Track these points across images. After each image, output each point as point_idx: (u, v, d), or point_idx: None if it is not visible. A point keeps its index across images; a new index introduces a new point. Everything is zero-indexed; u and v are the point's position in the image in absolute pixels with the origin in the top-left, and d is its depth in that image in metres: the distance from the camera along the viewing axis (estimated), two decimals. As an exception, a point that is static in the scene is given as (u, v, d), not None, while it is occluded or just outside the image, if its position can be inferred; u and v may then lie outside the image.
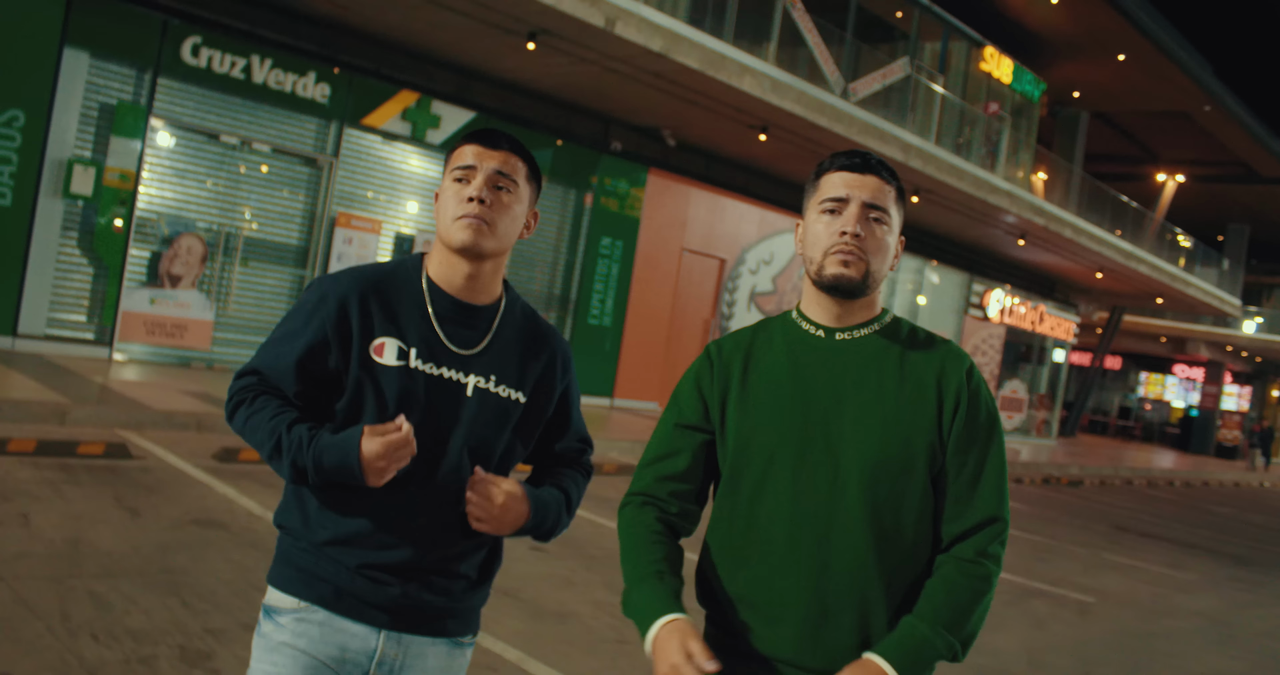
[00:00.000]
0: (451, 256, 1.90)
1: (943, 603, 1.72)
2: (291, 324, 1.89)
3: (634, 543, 1.84)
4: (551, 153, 13.58)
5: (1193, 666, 6.36)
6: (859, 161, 1.84)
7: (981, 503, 1.78)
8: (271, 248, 11.04)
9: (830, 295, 1.85)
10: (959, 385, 1.80)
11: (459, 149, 1.93)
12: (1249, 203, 33.60)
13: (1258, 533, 15.26)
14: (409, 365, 1.86)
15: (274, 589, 1.89)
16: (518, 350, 1.97)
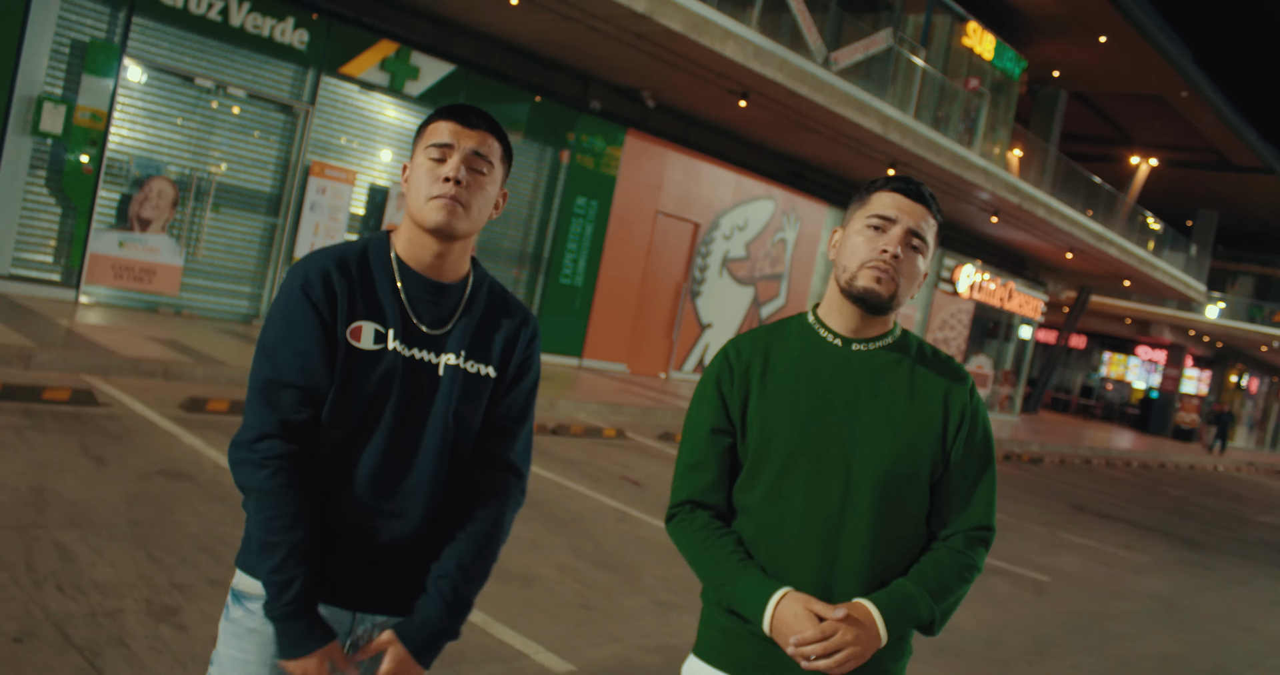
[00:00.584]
0: (422, 235, 1.87)
1: (930, 574, 1.89)
2: (291, 317, 1.81)
3: (704, 542, 1.95)
4: (529, 109, 13.46)
5: (1142, 647, 6.53)
6: (914, 189, 1.94)
7: (974, 512, 1.95)
8: (244, 194, 10.90)
9: (856, 306, 1.94)
10: (964, 405, 1.95)
11: (434, 125, 1.89)
12: (1219, 190, 33.95)
13: (1210, 516, 15.59)
14: (387, 348, 1.84)
15: (243, 573, 1.86)
16: (487, 325, 1.95)
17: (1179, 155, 30.64)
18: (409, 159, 1.94)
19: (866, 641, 1.81)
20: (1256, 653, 7.03)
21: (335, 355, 1.81)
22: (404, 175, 1.93)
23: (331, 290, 1.82)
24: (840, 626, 1.80)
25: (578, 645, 4.49)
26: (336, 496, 1.82)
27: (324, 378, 1.80)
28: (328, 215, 11.32)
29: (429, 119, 1.91)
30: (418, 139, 1.91)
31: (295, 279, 1.83)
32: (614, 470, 8.49)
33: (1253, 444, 48.05)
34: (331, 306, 1.81)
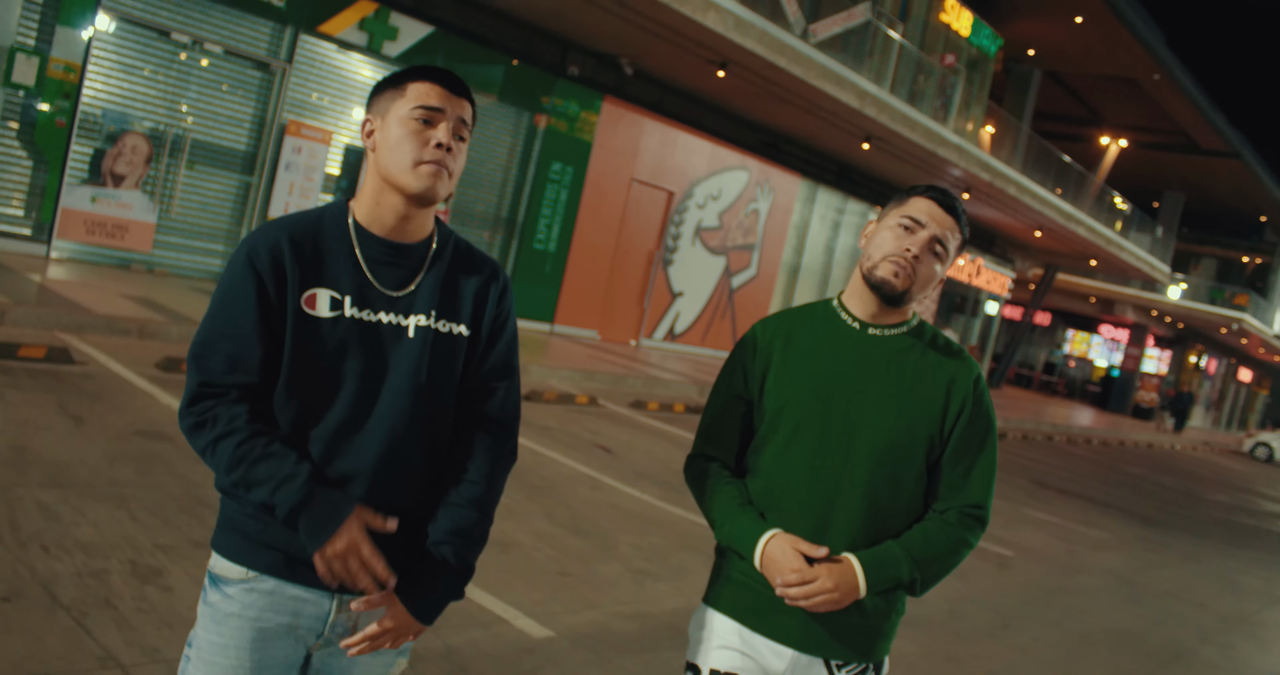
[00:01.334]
0: (392, 197, 1.82)
1: (918, 540, 2.06)
2: (232, 284, 1.77)
3: (712, 487, 2.17)
4: (507, 73, 13.37)
5: (1100, 622, 6.72)
6: (949, 202, 2.12)
7: (969, 492, 2.11)
8: (219, 152, 10.78)
9: (873, 293, 2.12)
10: (966, 392, 2.11)
11: (418, 85, 1.82)
12: (1186, 172, 34.34)
13: (1166, 495, 15.94)
14: (344, 314, 1.80)
15: (220, 556, 1.82)
16: (455, 283, 1.91)
17: (1148, 137, 30.95)
18: (377, 115, 1.85)
19: (844, 589, 2.00)
20: (1208, 628, 7.24)
21: (275, 325, 1.76)
22: (367, 132, 1.86)
23: (279, 260, 1.77)
24: (821, 572, 1.99)
25: (555, 611, 4.57)
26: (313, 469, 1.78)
27: (253, 346, 1.75)
28: (303, 175, 11.23)
29: (405, 78, 1.84)
30: (392, 97, 1.83)
31: (243, 249, 1.79)
32: (587, 437, 8.56)
33: (1209, 424, 48.96)
34: (279, 277, 1.76)
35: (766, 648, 2.14)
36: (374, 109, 1.86)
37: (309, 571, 1.77)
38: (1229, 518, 14.79)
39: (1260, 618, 8.05)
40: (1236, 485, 21.41)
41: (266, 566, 1.79)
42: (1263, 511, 16.96)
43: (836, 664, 2.14)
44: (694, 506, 7.11)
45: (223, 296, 1.77)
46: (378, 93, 1.87)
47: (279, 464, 1.71)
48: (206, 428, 1.72)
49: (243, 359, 1.75)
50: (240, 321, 1.75)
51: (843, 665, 2.14)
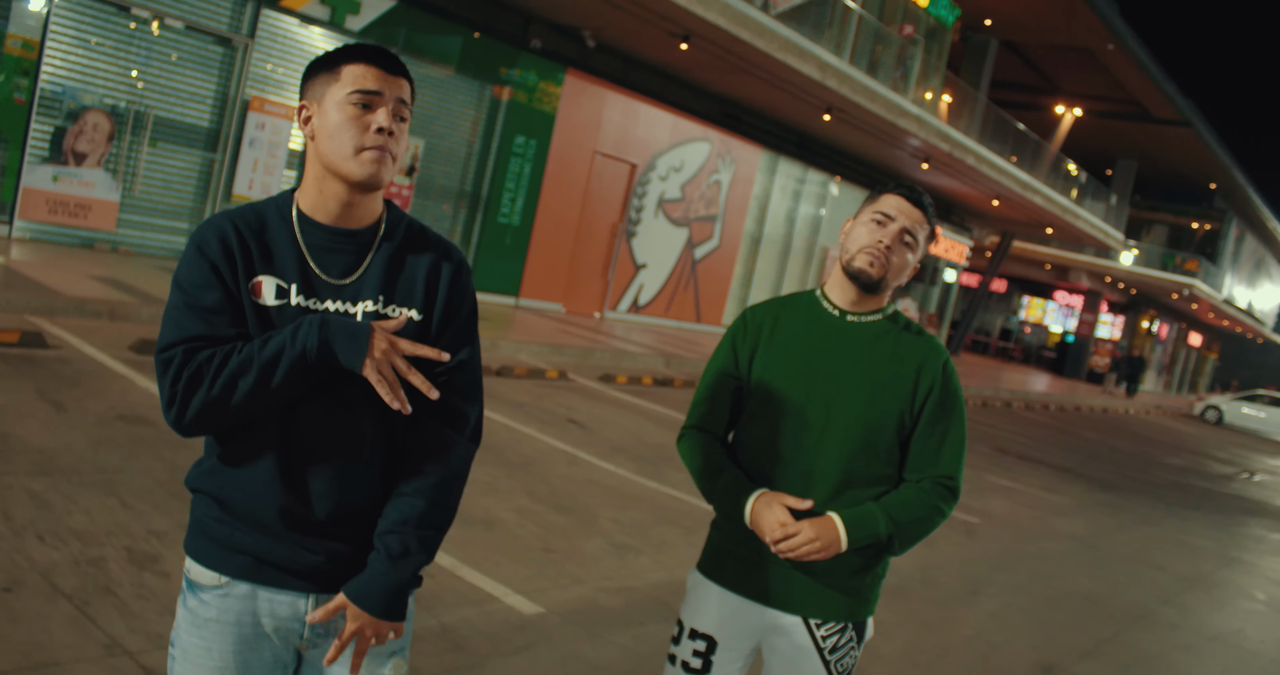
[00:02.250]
0: (334, 185, 1.77)
1: (895, 502, 2.26)
2: (190, 276, 1.72)
3: (702, 453, 2.38)
4: (469, 46, 13.28)
5: (1066, 586, 6.93)
6: (917, 197, 2.33)
7: (942, 464, 2.31)
8: (182, 129, 10.65)
9: (852, 282, 2.33)
10: (934, 375, 2.31)
11: (352, 67, 1.74)
12: (1139, 140, 34.79)
13: (1122, 459, 16.31)
14: (289, 303, 1.75)
15: (193, 561, 1.80)
16: (403, 266, 1.84)
17: (1102, 106, 31.30)
18: (312, 100, 1.77)
19: (827, 540, 2.20)
20: (1168, 590, 7.49)
21: (238, 310, 1.73)
22: (304, 119, 1.79)
23: (229, 248, 1.72)
24: (805, 525, 2.20)
25: (543, 587, 4.66)
26: (272, 464, 1.75)
27: (228, 330, 1.71)
28: (267, 151, 11.13)
29: (338, 60, 1.76)
30: (327, 81, 1.76)
31: (192, 243, 1.74)
32: (560, 412, 8.63)
33: (1161, 388, 49.95)
34: (230, 264, 1.72)
35: (745, 608, 2.33)
36: (308, 94, 1.79)
37: (280, 574, 1.76)
38: (1182, 481, 15.17)
39: (1215, 578, 8.32)
40: (1189, 448, 21.93)
41: (238, 571, 1.76)
42: (1214, 474, 17.40)
43: (815, 623, 2.31)
44: (670, 481, 7.22)
45: (184, 288, 1.72)
46: (310, 76, 1.79)
47: (278, 333, 1.69)
48: (203, 380, 1.66)
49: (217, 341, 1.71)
50: (205, 307, 1.71)
51: (821, 624, 2.31)
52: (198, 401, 1.67)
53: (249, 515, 1.76)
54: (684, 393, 11.80)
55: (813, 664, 2.32)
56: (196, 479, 1.82)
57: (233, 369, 1.66)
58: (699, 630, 2.37)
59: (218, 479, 1.78)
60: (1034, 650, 5.37)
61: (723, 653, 2.36)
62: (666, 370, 12.91)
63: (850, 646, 2.34)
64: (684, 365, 13.40)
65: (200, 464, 1.83)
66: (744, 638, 2.36)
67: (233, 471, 1.77)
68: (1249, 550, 10.24)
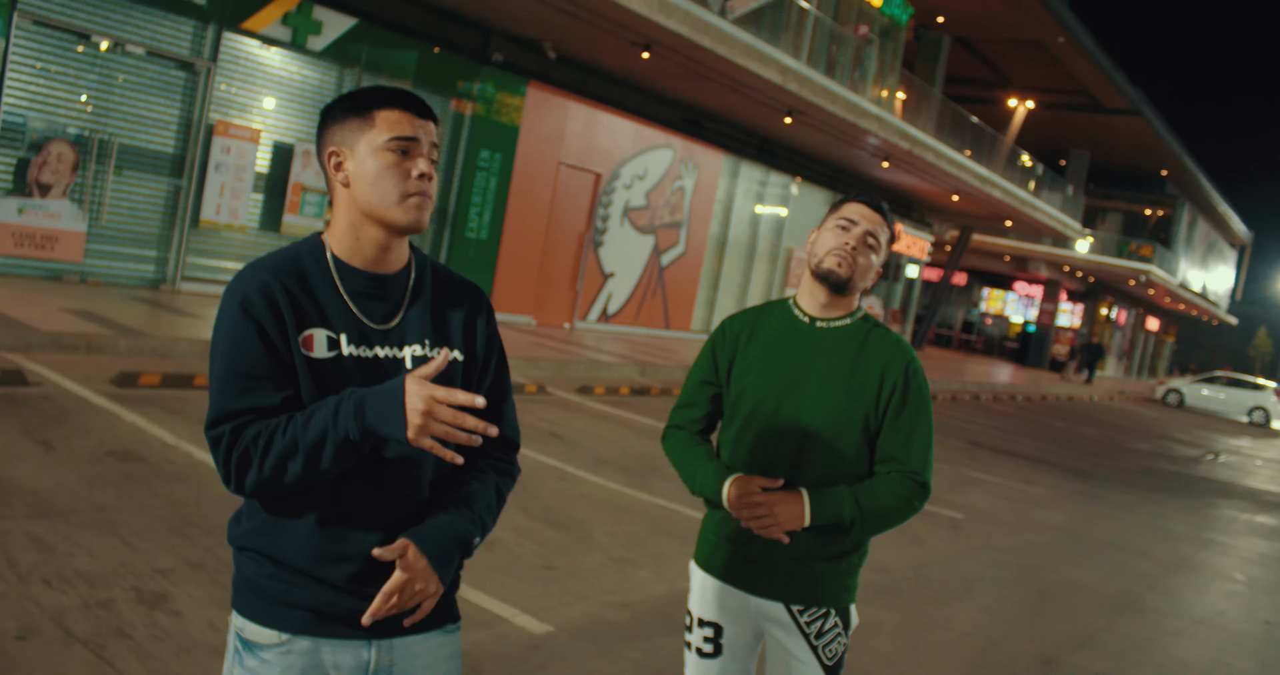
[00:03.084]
0: (374, 230, 1.78)
1: (865, 489, 2.38)
2: (234, 337, 1.69)
3: (684, 448, 2.56)
4: (431, 62, 13.26)
5: (1054, 577, 7.04)
6: (875, 203, 2.49)
7: (910, 460, 2.40)
8: (147, 156, 10.55)
9: (821, 284, 2.47)
10: (896, 375, 2.42)
11: (387, 114, 1.75)
12: (1091, 130, 35.31)
13: (1092, 446, 16.55)
14: (341, 354, 1.74)
15: (248, 620, 1.77)
16: (441, 309, 1.87)
17: (1054, 98, 31.73)
18: (343, 145, 1.77)
19: (789, 512, 2.33)
20: (1153, 576, 7.62)
21: (286, 371, 1.71)
22: (334, 164, 1.78)
23: (275, 305, 1.71)
24: (765, 499, 2.34)
25: (549, 606, 4.68)
26: (334, 512, 1.74)
27: (274, 398, 1.69)
28: (233, 175, 11.05)
29: (369, 105, 1.76)
30: (359, 126, 1.76)
31: (234, 298, 1.71)
32: (543, 427, 8.64)
33: (1121, 373, 50.65)
34: (278, 321, 1.70)
35: (732, 596, 2.48)
36: (337, 139, 1.79)
37: (339, 625, 1.76)
38: (1152, 465, 15.41)
39: (1194, 562, 8.48)
40: (1153, 432, 22.27)
41: (299, 627, 1.75)
42: (1181, 457, 17.69)
43: (797, 609, 2.43)
44: (660, 491, 7.26)
45: (227, 351, 1.69)
46: (336, 120, 1.79)
47: (320, 410, 1.66)
48: (251, 461, 1.65)
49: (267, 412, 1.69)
50: (249, 373, 1.68)
51: (803, 610, 2.43)
52: (251, 480, 1.67)
53: (307, 570, 1.75)
54: (661, 401, 11.85)
55: (802, 649, 2.44)
56: (243, 538, 1.79)
57: (279, 453, 1.65)
58: (705, 618, 2.52)
59: (269, 536, 1.76)
60: (1031, 643, 5.46)
61: (730, 636, 2.51)
62: (642, 379, 12.95)
63: (836, 632, 2.44)
64: (659, 373, 13.45)
65: (242, 521, 1.81)
66: (744, 622, 2.50)
67: (287, 528, 1.75)
68: (1223, 532, 10.44)
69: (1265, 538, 10.49)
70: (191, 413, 6.71)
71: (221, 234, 11.32)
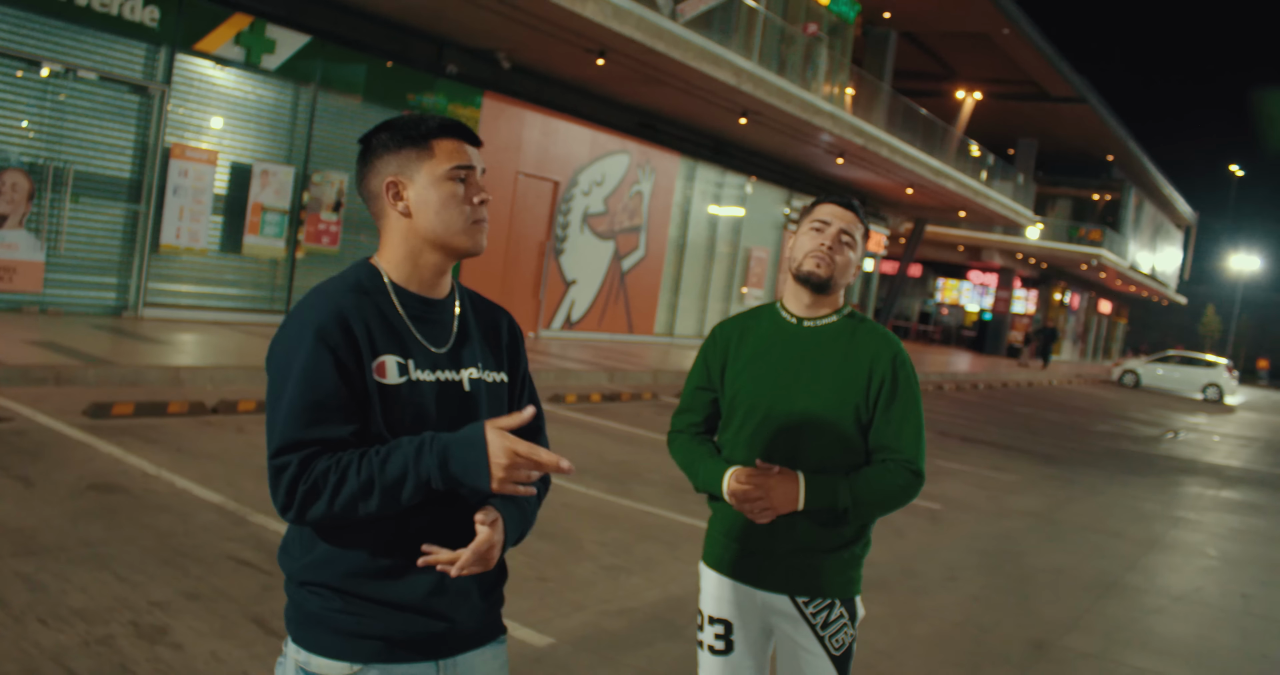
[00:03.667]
0: (434, 256, 1.84)
1: (860, 477, 2.44)
2: (307, 366, 1.70)
3: (687, 449, 2.63)
4: (383, 75, 13.20)
5: (1035, 562, 7.14)
6: (847, 201, 2.56)
7: (902, 448, 2.46)
8: (103, 182, 10.42)
9: (804, 286, 2.53)
10: (885, 367, 2.48)
11: (444, 144, 1.81)
12: (1038, 119, 35.81)
13: (1056, 431, 16.78)
14: (411, 379, 1.77)
15: (317, 656, 1.77)
16: (482, 332, 1.93)
17: (1001, 88, 32.16)
18: (401, 175, 1.81)
19: (784, 494, 2.39)
20: (1130, 556, 7.76)
21: (357, 401, 1.72)
22: (392, 194, 1.81)
23: (350, 332, 1.73)
24: (763, 480, 2.39)
25: (548, 618, 4.69)
26: (402, 535, 1.76)
27: (344, 431, 1.71)
28: (192, 198, 10.94)
29: (425, 135, 1.81)
30: (418, 156, 1.80)
31: (308, 326, 1.72)
32: (521, 438, 8.62)
33: (1076, 356, 51.37)
34: (353, 349, 1.73)
35: (739, 591, 2.53)
36: (393, 169, 1.82)
37: (407, 650, 1.79)
38: (1115, 446, 15.66)
39: (1168, 540, 8.64)
40: (1113, 413, 22.62)
41: (370, 656, 1.77)
42: (1143, 436, 17.99)
43: (802, 601, 2.47)
44: (642, 497, 7.28)
45: (299, 379, 1.69)
46: (391, 150, 1.82)
47: (398, 451, 1.69)
48: (320, 495, 1.66)
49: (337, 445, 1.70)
50: (323, 402, 1.69)
51: (808, 602, 2.47)
52: (315, 512, 1.68)
53: (377, 597, 1.76)
54: (632, 407, 11.88)
55: (809, 641, 2.48)
56: (304, 571, 1.79)
57: (354, 491, 1.66)
58: (715, 616, 2.57)
59: (334, 567, 1.77)
60: (1022, 628, 5.54)
61: (740, 633, 2.55)
62: (611, 385, 12.97)
63: (843, 623, 2.49)
64: (627, 378, 13.47)
65: (300, 554, 1.81)
66: (753, 617, 2.55)
67: (353, 557, 1.76)
68: (1191, 508, 10.64)
69: (1232, 512, 10.70)
70: (168, 441, 6.65)
71: (182, 258, 11.20)
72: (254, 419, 7.76)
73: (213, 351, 9.67)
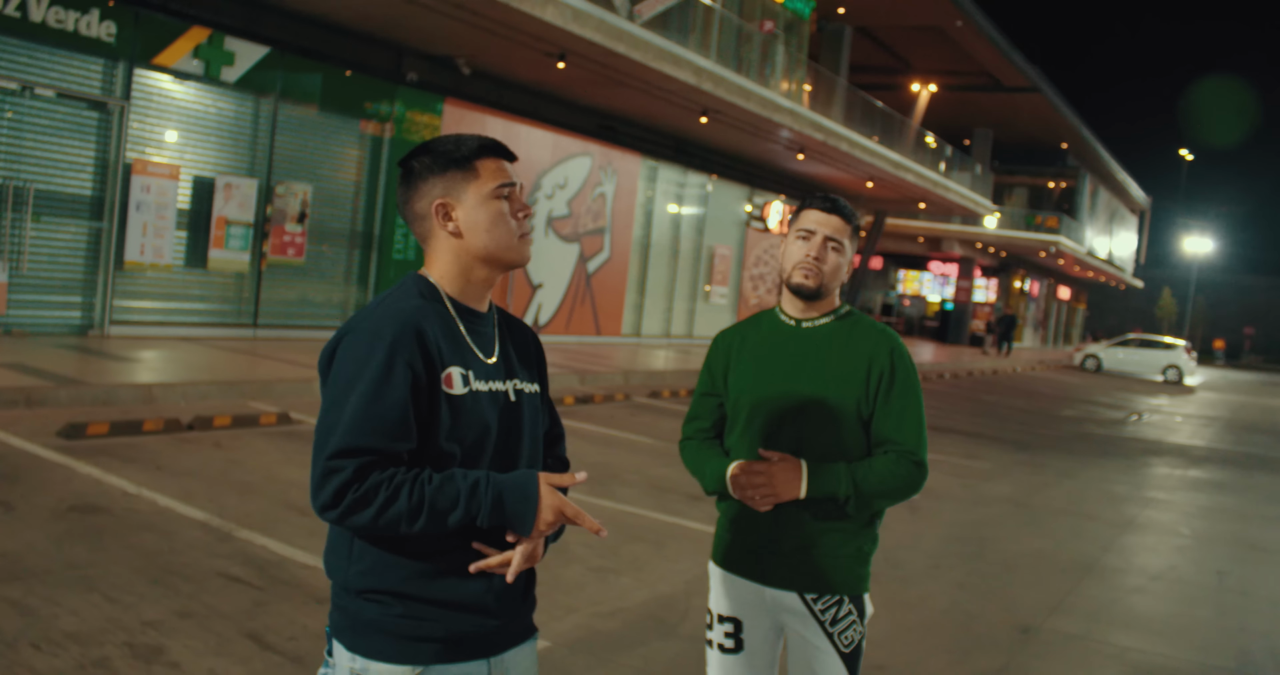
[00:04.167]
0: (485, 271, 1.91)
1: (862, 466, 2.46)
2: (379, 378, 1.74)
3: (694, 452, 2.67)
4: (344, 84, 13.13)
5: (1015, 547, 7.25)
6: (830, 205, 2.58)
7: (904, 439, 2.49)
8: (65, 200, 10.30)
9: (796, 296, 2.58)
10: (883, 360, 2.52)
11: (487, 163, 1.88)
12: (993, 109, 36.20)
13: (1024, 417, 16.98)
14: (472, 389, 1.84)
15: (376, 662, 1.80)
16: (516, 345, 2.01)
17: (955, 80, 32.49)
18: (449, 197, 1.87)
19: (784, 482, 2.43)
20: (1106, 538, 7.88)
21: (420, 415, 1.77)
22: (442, 215, 1.87)
23: (425, 346, 1.79)
24: (766, 467, 2.44)
25: (541, 621, 4.59)
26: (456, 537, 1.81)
27: (402, 446, 1.75)
28: (155, 214, 10.83)
29: (467, 156, 1.87)
30: (464, 177, 1.87)
31: (381, 337, 1.76)
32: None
33: (1038, 343, 51.96)
34: (428, 361, 1.78)
35: (747, 588, 2.56)
36: (439, 190, 1.88)
37: (464, 649, 1.84)
38: (1082, 430, 15.88)
39: (1141, 521, 8.78)
40: (1078, 398, 22.91)
41: (433, 657, 1.81)
42: (1108, 420, 18.24)
43: (810, 598, 2.49)
44: (623, 498, 7.31)
45: (369, 387, 1.73)
46: (437, 173, 1.88)
47: (453, 485, 1.75)
48: (368, 505, 1.70)
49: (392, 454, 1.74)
50: (389, 414, 1.73)
51: (817, 598, 2.49)
52: (358, 521, 1.72)
53: (437, 599, 1.81)
54: (606, 408, 11.90)
55: (818, 638, 2.49)
56: (362, 580, 1.81)
57: (401, 511, 1.71)
58: (724, 614, 2.60)
59: (393, 573, 1.80)
60: (1007, 613, 5.62)
61: (750, 631, 2.57)
62: (583, 387, 12.98)
63: (851, 620, 2.50)
64: (599, 380, 13.49)
65: (352, 562, 1.83)
66: (762, 616, 2.56)
67: (411, 564, 1.80)
68: (1161, 488, 10.82)
69: (1200, 491, 10.90)
70: (147, 460, 6.59)
71: (147, 274, 11.09)
72: (231, 434, 7.71)
73: (184, 367, 9.59)
